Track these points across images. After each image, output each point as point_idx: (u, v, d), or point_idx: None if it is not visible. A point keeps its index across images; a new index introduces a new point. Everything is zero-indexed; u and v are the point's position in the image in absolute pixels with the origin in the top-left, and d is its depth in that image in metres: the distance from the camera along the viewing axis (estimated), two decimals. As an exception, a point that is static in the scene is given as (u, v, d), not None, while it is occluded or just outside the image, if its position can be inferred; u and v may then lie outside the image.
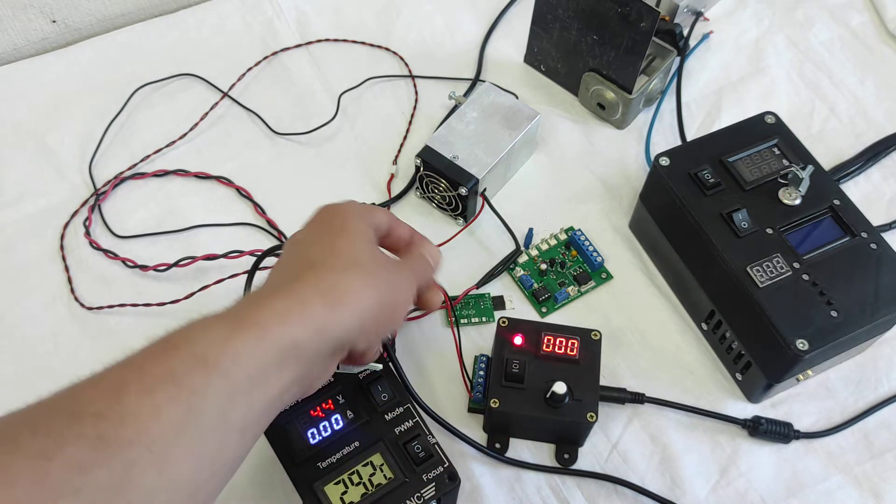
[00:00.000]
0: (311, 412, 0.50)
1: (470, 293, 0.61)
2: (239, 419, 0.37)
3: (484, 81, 0.72)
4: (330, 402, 0.51)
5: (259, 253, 0.59)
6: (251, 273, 0.58)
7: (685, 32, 0.73)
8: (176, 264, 0.61)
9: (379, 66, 0.74)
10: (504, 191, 0.67)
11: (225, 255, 0.60)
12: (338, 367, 0.50)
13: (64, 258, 0.63)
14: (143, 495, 0.33)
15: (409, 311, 0.47)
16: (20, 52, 0.76)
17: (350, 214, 0.46)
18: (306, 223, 0.46)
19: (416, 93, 0.73)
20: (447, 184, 0.61)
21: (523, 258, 0.63)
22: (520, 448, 0.55)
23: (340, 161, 0.69)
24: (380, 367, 0.51)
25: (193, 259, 0.61)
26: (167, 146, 0.69)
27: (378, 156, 0.69)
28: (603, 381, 0.54)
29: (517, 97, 0.69)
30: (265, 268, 0.61)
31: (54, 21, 0.75)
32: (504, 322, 0.55)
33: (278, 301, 0.39)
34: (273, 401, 0.39)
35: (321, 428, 0.49)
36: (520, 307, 0.61)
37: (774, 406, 0.57)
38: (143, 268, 0.61)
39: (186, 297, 0.60)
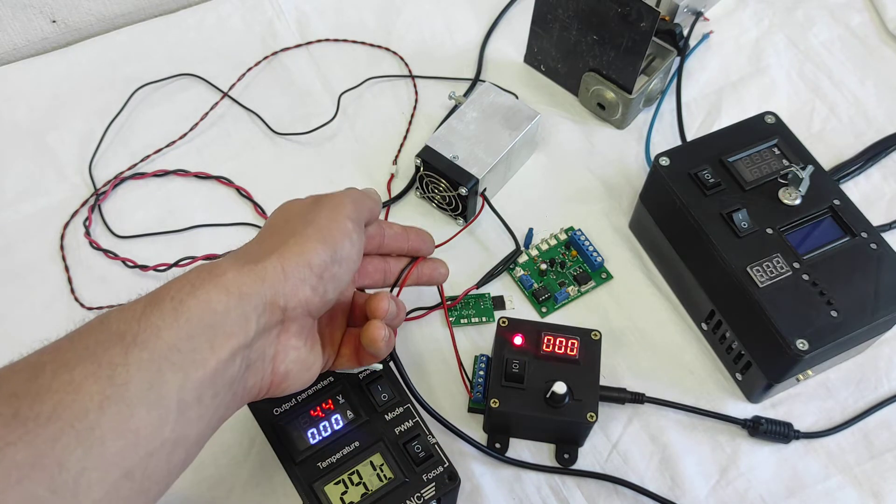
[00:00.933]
0: (311, 412, 0.50)
1: (470, 293, 0.61)
2: (173, 393, 0.35)
3: (484, 81, 0.72)
4: (330, 401, 0.51)
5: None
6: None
7: (685, 32, 0.73)
8: (176, 264, 0.61)
9: (379, 66, 0.74)
10: (504, 191, 0.67)
11: (225, 255, 0.60)
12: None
13: (64, 258, 0.63)
14: (70, 473, 0.31)
15: (356, 233, 0.44)
16: (20, 52, 0.76)
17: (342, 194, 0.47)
18: (302, 203, 0.48)
19: (416, 93, 0.73)
20: (447, 184, 0.61)
21: (523, 258, 0.63)
22: (520, 448, 0.55)
23: (340, 161, 0.69)
24: (380, 366, 0.51)
25: (193, 259, 0.61)
26: (167, 146, 0.69)
27: (378, 156, 0.69)
28: (603, 381, 0.54)
29: (517, 97, 0.69)
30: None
31: (54, 21, 0.75)
32: (504, 322, 0.55)
33: (192, 274, 0.38)
34: (213, 374, 0.37)
35: (321, 428, 0.49)
36: (520, 307, 0.61)
37: (774, 406, 0.57)
38: (143, 268, 0.61)
39: (186, 297, 0.60)
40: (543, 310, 0.61)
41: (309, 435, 0.50)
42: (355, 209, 0.45)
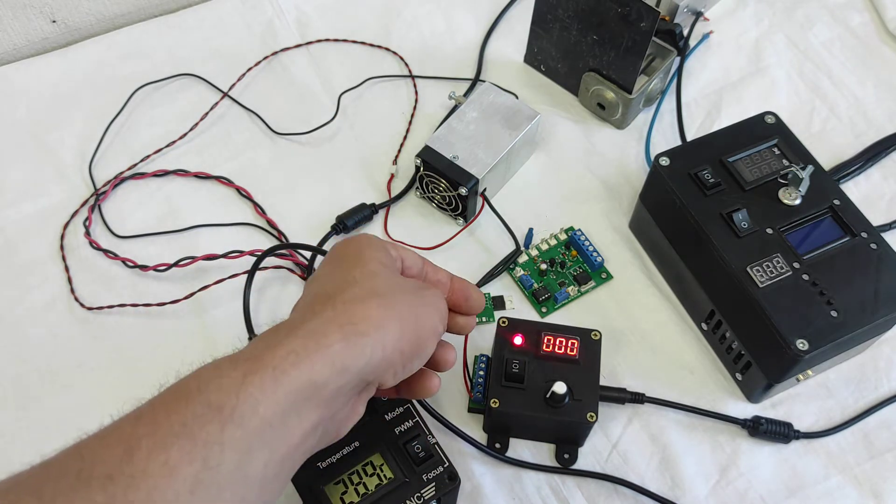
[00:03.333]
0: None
1: (470, 293, 0.61)
2: (258, 471, 0.34)
3: (484, 81, 0.72)
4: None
5: (259, 253, 0.59)
6: (251, 273, 0.58)
7: (685, 32, 0.73)
8: (176, 264, 0.61)
9: (379, 66, 0.74)
10: (504, 191, 0.67)
11: (225, 255, 0.60)
12: None
13: (64, 258, 0.63)
14: None
15: (439, 337, 0.44)
16: (20, 52, 0.76)
17: (364, 244, 0.43)
18: (322, 261, 0.45)
19: (416, 93, 0.73)
20: (447, 184, 0.61)
21: (523, 258, 0.63)
22: (520, 448, 0.55)
23: (340, 161, 0.69)
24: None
25: (193, 259, 0.61)
26: (167, 146, 0.69)
27: (378, 156, 0.69)
28: (603, 381, 0.54)
29: (517, 97, 0.69)
30: (265, 268, 0.61)
31: (54, 21, 0.75)
32: (504, 322, 0.55)
33: (293, 339, 0.37)
34: (295, 448, 0.36)
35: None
36: (520, 307, 0.61)
37: (774, 406, 0.57)
38: (143, 268, 0.61)
39: (186, 297, 0.60)
40: (543, 310, 0.61)
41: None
42: (443, 313, 0.45)
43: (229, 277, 0.60)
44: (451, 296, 0.47)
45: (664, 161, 0.58)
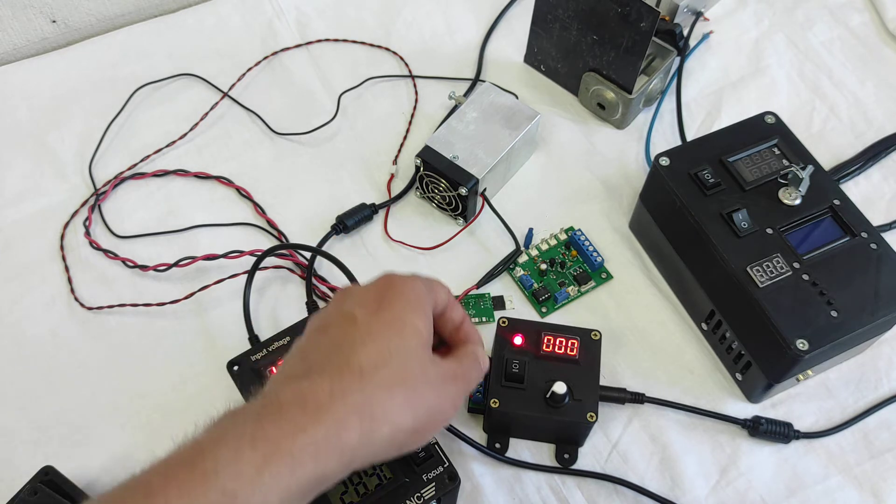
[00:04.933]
0: (311, 412, 0.50)
1: (470, 293, 0.61)
2: None
3: (484, 81, 0.72)
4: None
5: (259, 253, 0.59)
6: (251, 273, 0.58)
7: (685, 32, 0.73)
8: (176, 264, 0.61)
9: (379, 66, 0.74)
10: (504, 191, 0.67)
11: (225, 255, 0.60)
12: None
13: (64, 258, 0.63)
14: None
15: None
16: (20, 52, 0.76)
17: (412, 303, 0.42)
18: (364, 287, 0.43)
19: (416, 93, 0.73)
20: (447, 184, 0.61)
21: (523, 258, 0.63)
22: (520, 448, 0.55)
23: (340, 161, 0.69)
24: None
25: (193, 259, 0.61)
26: (167, 146, 0.69)
27: (378, 156, 0.69)
28: (603, 381, 0.54)
29: (517, 97, 0.69)
30: (265, 268, 0.61)
31: (54, 21, 0.76)
32: (504, 322, 0.55)
33: (316, 429, 0.36)
34: None
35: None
36: (520, 307, 0.61)
37: (774, 406, 0.57)
38: (143, 268, 0.61)
39: (186, 297, 0.60)
40: (543, 310, 0.61)
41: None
42: (458, 405, 0.44)
43: (229, 277, 0.60)
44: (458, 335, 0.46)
45: (664, 161, 0.58)
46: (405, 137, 0.70)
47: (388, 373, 0.39)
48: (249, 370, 0.53)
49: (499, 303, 0.61)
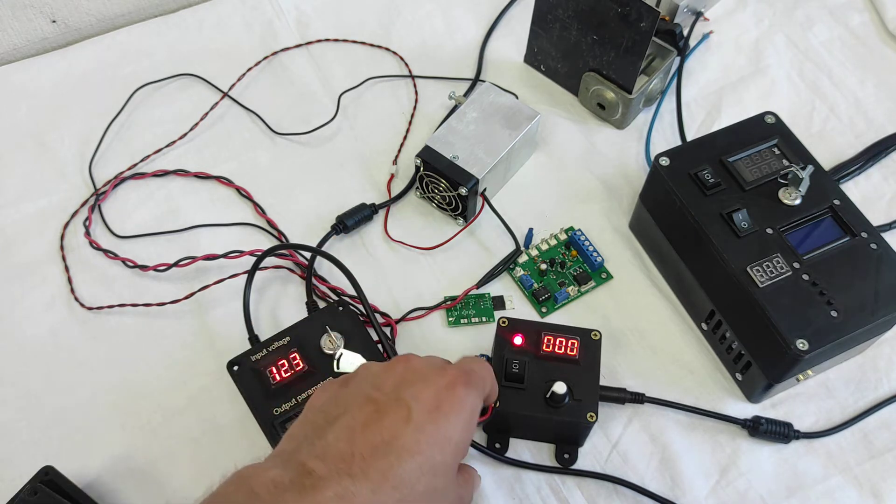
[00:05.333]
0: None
1: (470, 293, 0.61)
2: None
3: (484, 81, 0.72)
4: (330, 402, 0.51)
5: (259, 253, 0.59)
6: (251, 273, 0.58)
7: (685, 32, 0.73)
8: (176, 264, 0.61)
9: (379, 66, 0.74)
10: (504, 191, 0.67)
11: (225, 256, 0.60)
12: (337, 367, 0.50)
13: (64, 258, 0.63)
14: None
15: None
16: (20, 52, 0.76)
17: (467, 420, 0.41)
18: (428, 371, 0.42)
19: (416, 93, 0.73)
20: (447, 184, 0.61)
21: (523, 258, 0.63)
22: (520, 448, 0.55)
23: (340, 161, 0.69)
24: (380, 367, 0.51)
25: (193, 259, 0.61)
26: (167, 146, 0.69)
27: (378, 156, 0.69)
28: (603, 381, 0.54)
29: (517, 97, 0.69)
30: (265, 268, 0.61)
31: (54, 21, 0.76)
32: (504, 322, 0.55)
33: None
34: None
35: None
36: (520, 307, 0.61)
37: (774, 406, 0.57)
38: (143, 268, 0.61)
39: (186, 297, 0.60)
40: (543, 310, 0.61)
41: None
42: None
43: (229, 277, 0.60)
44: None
45: (664, 161, 0.58)
46: (405, 137, 0.70)
47: (417, 493, 0.38)
48: (249, 370, 0.53)
49: (499, 303, 0.61)
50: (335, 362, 0.50)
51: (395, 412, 0.39)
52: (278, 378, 0.52)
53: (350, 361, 0.51)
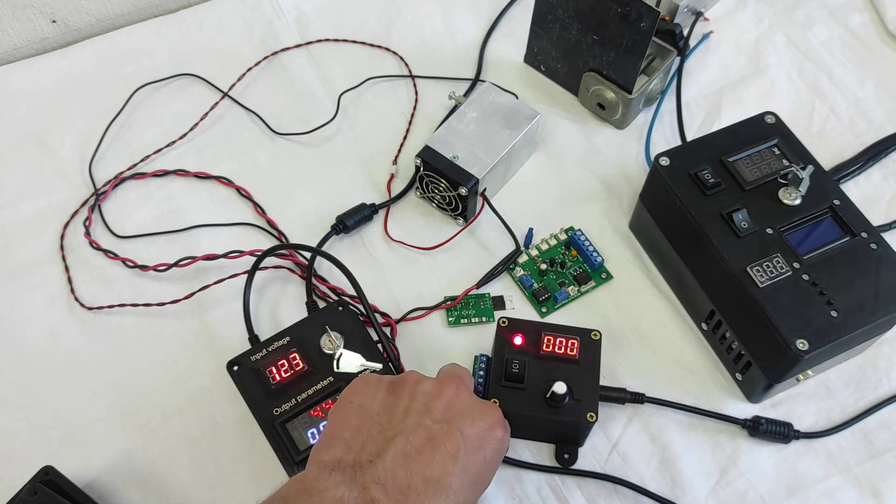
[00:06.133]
0: (312, 412, 0.51)
1: (470, 293, 0.61)
2: None
3: (484, 81, 0.72)
4: (330, 402, 0.51)
5: (259, 253, 0.59)
6: (251, 273, 0.58)
7: (685, 32, 0.73)
8: (176, 264, 0.61)
9: (379, 66, 0.74)
10: (504, 191, 0.67)
11: (225, 255, 0.60)
12: (336, 367, 0.50)
13: (64, 258, 0.63)
14: None
15: None
16: (20, 52, 0.76)
17: (500, 457, 0.43)
18: (478, 405, 0.44)
19: (417, 93, 0.73)
20: (447, 184, 0.61)
21: (523, 258, 0.63)
22: (520, 448, 0.55)
23: (340, 161, 0.69)
24: (379, 366, 0.51)
25: (193, 259, 0.61)
26: (167, 146, 0.69)
27: (378, 156, 0.69)
28: (603, 381, 0.54)
29: (517, 97, 0.69)
30: (265, 268, 0.61)
31: (54, 21, 0.76)
32: (504, 322, 0.55)
33: None
34: None
35: (321, 428, 0.49)
36: (520, 307, 0.61)
37: (774, 406, 0.57)
38: (143, 268, 0.61)
39: (186, 297, 0.60)
40: (543, 310, 0.61)
41: (309, 435, 0.50)
42: None
43: (229, 277, 0.60)
44: None
45: (664, 161, 0.58)
46: (405, 137, 0.70)
47: None
48: (249, 370, 0.53)
49: (499, 303, 0.61)
50: (335, 362, 0.50)
51: (446, 445, 0.41)
52: (278, 378, 0.52)
53: (350, 361, 0.51)
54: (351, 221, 0.64)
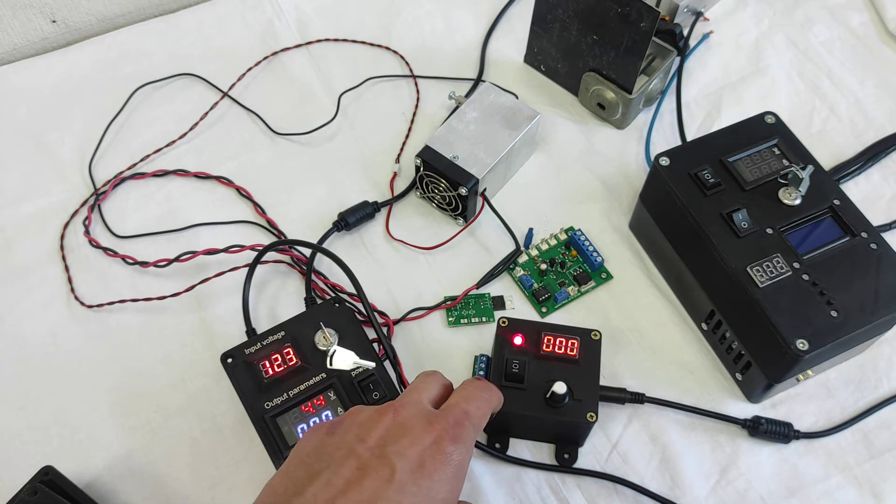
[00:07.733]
0: (303, 408, 0.51)
1: (470, 293, 0.61)
2: None
3: (484, 81, 0.72)
4: (321, 398, 0.51)
5: (260, 247, 0.59)
6: (251, 269, 0.58)
7: (685, 32, 0.73)
8: (177, 259, 0.61)
9: (379, 66, 0.74)
10: (504, 191, 0.67)
11: (226, 250, 0.60)
12: (329, 363, 0.50)
13: (64, 258, 0.63)
14: None
15: None
16: (20, 52, 0.76)
17: (455, 477, 0.40)
18: (413, 421, 0.41)
19: (418, 92, 0.73)
20: (447, 184, 0.61)
21: (523, 258, 0.63)
22: (520, 448, 0.55)
23: (340, 161, 0.69)
24: (372, 364, 0.51)
25: (195, 253, 0.61)
26: (167, 146, 0.69)
27: (378, 156, 0.69)
28: (603, 381, 0.54)
29: (517, 97, 0.69)
30: (265, 262, 0.61)
31: (54, 21, 0.76)
32: (504, 322, 0.55)
33: None
34: None
35: (311, 423, 0.49)
36: (520, 307, 0.61)
37: (774, 406, 0.57)
38: (144, 264, 0.61)
39: (186, 290, 0.60)
40: (543, 310, 0.61)
41: (299, 430, 0.50)
42: None
43: (229, 270, 0.60)
44: None
45: (664, 161, 0.58)
46: (407, 137, 0.70)
47: None
48: (243, 363, 0.52)
49: (499, 303, 0.61)
50: (328, 359, 0.50)
51: (378, 471, 0.38)
52: (271, 372, 0.52)
53: (343, 358, 0.50)
54: (353, 218, 0.64)
